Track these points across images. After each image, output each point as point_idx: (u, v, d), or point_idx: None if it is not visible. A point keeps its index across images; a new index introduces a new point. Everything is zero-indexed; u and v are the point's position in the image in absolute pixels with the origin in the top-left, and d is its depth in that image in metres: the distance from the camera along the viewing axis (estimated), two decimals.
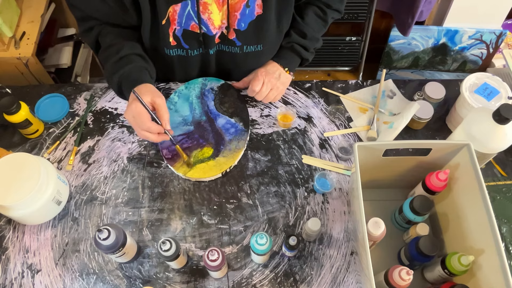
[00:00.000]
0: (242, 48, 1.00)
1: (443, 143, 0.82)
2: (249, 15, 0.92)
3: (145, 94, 0.86)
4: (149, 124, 0.85)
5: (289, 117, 1.04)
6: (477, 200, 0.75)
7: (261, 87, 0.99)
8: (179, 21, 0.91)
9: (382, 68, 2.11)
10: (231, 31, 0.95)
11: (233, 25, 0.94)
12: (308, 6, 1.04)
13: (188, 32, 0.94)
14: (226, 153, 1.00)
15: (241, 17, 0.92)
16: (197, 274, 0.88)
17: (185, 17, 0.90)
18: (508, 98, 0.99)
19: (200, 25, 0.92)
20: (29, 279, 0.87)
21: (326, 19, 1.06)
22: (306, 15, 1.03)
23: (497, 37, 1.88)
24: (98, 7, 0.90)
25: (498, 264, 0.69)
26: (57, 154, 1.02)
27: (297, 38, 1.03)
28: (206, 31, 0.94)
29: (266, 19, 0.94)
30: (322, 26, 1.07)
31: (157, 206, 0.95)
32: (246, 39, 0.97)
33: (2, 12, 1.37)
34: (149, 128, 0.85)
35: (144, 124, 0.85)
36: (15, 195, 0.82)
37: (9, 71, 1.44)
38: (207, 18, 0.91)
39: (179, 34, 0.94)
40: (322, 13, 1.04)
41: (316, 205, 0.96)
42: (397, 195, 0.96)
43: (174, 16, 0.90)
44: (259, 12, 0.92)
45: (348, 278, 0.87)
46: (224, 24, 0.94)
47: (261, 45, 1.00)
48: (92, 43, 0.97)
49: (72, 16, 0.97)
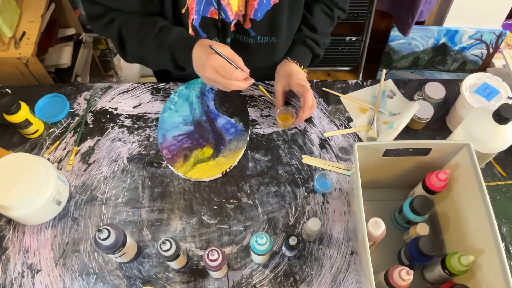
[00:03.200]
0: (256, 39, 1.00)
1: (443, 143, 0.82)
2: (266, 4, 0.93)
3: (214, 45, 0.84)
4: (236, 72, 0.84)
5: (288, 118, 1.04)
6: (477, 200, 0.75)
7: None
8: (197, 9, 0.90)
9: (382, 68, 2.11)
10: (247, 20, 0.95)
11: (249, 14, 0.94)
12: (315, 3, 1.05)
13: (206, 19, 0.93)
14: (226, 153, 1.00)
15: (258, 7, 0.92)
16: (197, 274, 0.88)
17: (204, 3, 0.90)
18: (508, 98, 0.99)
19: (219, 10, 0.91)
20: (29, 279, 0.87)
21: (332, 16, 1.07)
22: (314, 11, 1.04)
23: (497, 37, 1.88)
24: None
25: (498, 264, 0.69)
26: (57, 154, 1.02)
27: (308, 32, 1.04)
28: (224, 17, 0.93)
29: (281, 9, 0.94)
30: (329, 24, 1.07)
31: (157, 206, 0.95)
32: (261, 29, 0.98)
33: (2, 12, 1.37)
34: (237, 77, 0.84)
35: (232, 74, 0.83)
36: (15, 195, 0.82)
37: (9, 71, 1.44)
38: (226, 4, 0.91)
39: (196, 24, 0.93)
40: (329, 10, 1.06)
41: (316, 205, 0.96)
42: (397, 195, 0.96)
43: (192, 5, 0.89)
44: (275, 1, 0.92)
45: (348, 278, 0.87)
46: (241, 12, 0.94)
47: (275, 37, 1.00)
48: (114, 35, 0.92)
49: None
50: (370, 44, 2.06)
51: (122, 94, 1.11)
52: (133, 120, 1.07)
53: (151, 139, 1.04)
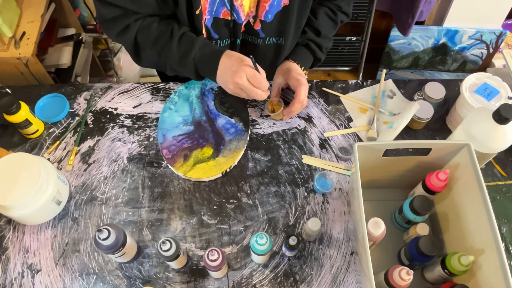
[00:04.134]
0: (265, 40, 1.00)
1: (443, 143, 0.82)
2: (277, 6, 0.93)
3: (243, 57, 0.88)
4: (264, 82, 0.88)
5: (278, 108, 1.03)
6: (477, 200, 0.75)
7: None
8: (209, 9, 0.91)
9: (382, 68, 2.11)
10: (257, 21, 0.96)
11: (260, 16, 0.94)
12: (319, 7, 1.06)
13: (218, 20, 0.94)
14: (226, 153, 1.00)
15: (269, 8, 0.93)
16: (197, 274, 0.88)
17: (217, 4, 0.90)
18: (508, 98, 0.99)
19: (232, 11, 0.92)
20: (29, 279, 0.87)
21: (336, 21, 1.07)
22: (319, 15, 1.05)
23: (497, 37, 1.89)
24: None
25: (498, 264, 0.69)
26: (57, 154, 1.02)
27: (312, 35, 1.04)
28: (236, 18, 0.94)
29: (290, 11, 0.95)
30: (333, 28, 1.08)
31: (157, 206, 0.95)
32: (270, 31, 0.98)
33: (2, 12, 1.37)
34: (264, 87, 0.88)
35: (261, 83, 0.87)
36: (15, 195, 0.82)
37: (9, 71, 1.43)
38: (239, 5, 0.91)
39: (208, 24, 0.94)
40: (333, 14, 1.06)
41: (316, 205, 0.96)
42: (397, 195, 0.96)
43: (205, 5, 0.90)
44: (285, 2, 0.93)
45: (348, 278, 0.87)
46: (252, 13, 0.94)
47: (283, 38, 1.00)
48: (130, 42, 0.92)
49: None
50: (370, 44, 2.06)
51: (122, 94, 1.11)
52: (133, 120, 1.07)
53: (151, 139, 1.04)
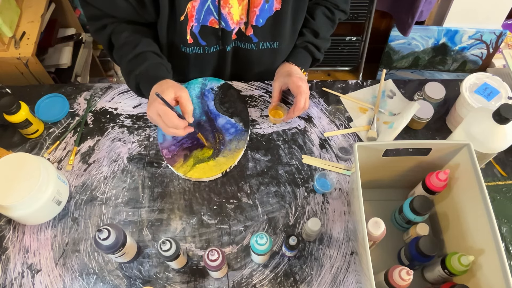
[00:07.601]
0: (259, 45, 1.00)
1: (443, 143, 0.82)
2: (268, 11, 0.92)
3: (167, 90, 0.84)
4: (176, 121, 0.84)
5: (280, 114, 1.04)
6: (477, 200, 0.75)
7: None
8: (197, 17, 0.90)
9: (382, 68, 2.11)
10: (249, 27, 0.95)
11: (251, 21, 0.94)
12: (316, 6, 1.05)
13: (206, 28, 0.93)
14: (226, 153, 1.00)
15: (260, 13, 0.92)
16: (197, 274, 0.88)
17: (204, 12, 0.90)
18: (508, 98, 0.99)
19: (220, 20, 0.91)
20: (29, 279, 0.87)
21: (334, 20, 1.07)
22: (316, 15, 1.04)
23: (497, 37, 1.89)
24: (115, 3, 0.87)
25: (498, 264, 0.69)
26: (57, 154, 1.02)
27: (310, 37, 1.04)
28: (225, 26, 0.93)
29: (283, 15, 0.94)
30: (331, 27, 1.08)
31: (157, 206, 0.95)
32: (263, 35, 0.97)
33: (2, 12, 1.37)
34: (176, 126, 0.85)
35: (172, 122, 0.84)
36: (15, 195, 0.82)
37: (9, 71, 1.44)
38: (227, 13, 0.91)
39: (196, 31, 0.93)
40: (331, 14, 1.06)
41: (316, 205, 0.96)
42: (397, 195, 0.96)
43: (192, 12, 0.89)
44: (277, 7, 0.92)
45: (348, 278, 0.87)
46: (243, 20, 0.94)
47: (277, 42, 1.00)
48: (105, 41, 0.95)
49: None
50: (370, 44, 2.06)
51: (122, 94, 1.11)
52: (133, 120, 1.07)
53: (151, 139, 1.04)
